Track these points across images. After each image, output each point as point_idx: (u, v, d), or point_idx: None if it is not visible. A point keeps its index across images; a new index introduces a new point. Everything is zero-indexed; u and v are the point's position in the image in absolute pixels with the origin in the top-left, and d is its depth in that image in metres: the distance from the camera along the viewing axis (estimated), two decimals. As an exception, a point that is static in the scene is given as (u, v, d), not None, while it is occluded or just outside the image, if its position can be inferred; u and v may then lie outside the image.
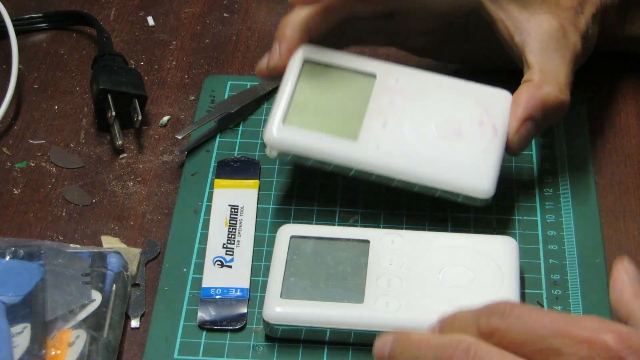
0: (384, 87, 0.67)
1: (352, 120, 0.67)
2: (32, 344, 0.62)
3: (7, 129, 0.80)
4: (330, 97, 0.68)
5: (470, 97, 0.67)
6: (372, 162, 0.66)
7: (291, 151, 0.66)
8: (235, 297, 0.67)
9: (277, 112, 0.67)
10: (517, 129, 0.66)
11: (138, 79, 0.80)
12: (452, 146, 0.66)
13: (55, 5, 0.90)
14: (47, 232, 0.72)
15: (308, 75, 0.68)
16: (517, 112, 0.66)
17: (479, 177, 0.65)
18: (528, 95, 0.66)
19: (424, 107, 0.67)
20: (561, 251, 0.69)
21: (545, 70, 0.66)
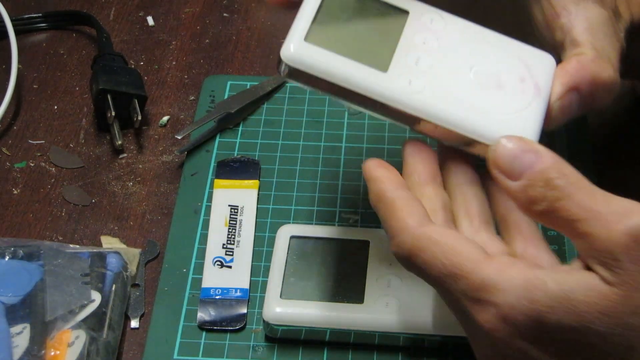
0: (417, 25, 0.60)
1: (382, 51, 0.59)
2: (31, 344, 0.62)
3: (6, 129, 0.80)
4: (358, 24, 0.60)
5: (510, 52, 0.61)
6: (401, 97, 0.57)
7: (310, 72, 0.58)
8: (235, 297, 0.67)
9: (297, 27, 0.58)
10: (560, 95, 0.58)
11: (138, 79, 0.80)
12: (491, 97, 0.58)
13: (55, 5, 0.90)
14: (46, 232, 0.72)
15: (332, 1, 0.60)
16: (563, 78, 0.58)
17: (519, 135, 0.56)
18: (579, 65, 0.59)
19: (459, 52, 0.60)
20: (561, 251, 0.69)
21: (597, 47, 0.60)
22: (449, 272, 0.51)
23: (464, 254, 0.51)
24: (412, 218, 0.53)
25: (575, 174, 0.51)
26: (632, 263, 0.48)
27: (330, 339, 0.64)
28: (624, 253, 0.48)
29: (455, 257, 0.51)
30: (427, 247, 0.51)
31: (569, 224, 0.50)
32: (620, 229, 0.48)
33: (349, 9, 0.60)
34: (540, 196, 0.50)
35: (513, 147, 0.52)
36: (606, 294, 0.48)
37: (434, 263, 0.51)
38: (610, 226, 0.48)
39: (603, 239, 0.48)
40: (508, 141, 0.53)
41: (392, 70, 0.58)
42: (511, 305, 0.49)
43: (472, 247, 0.51)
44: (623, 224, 0.48)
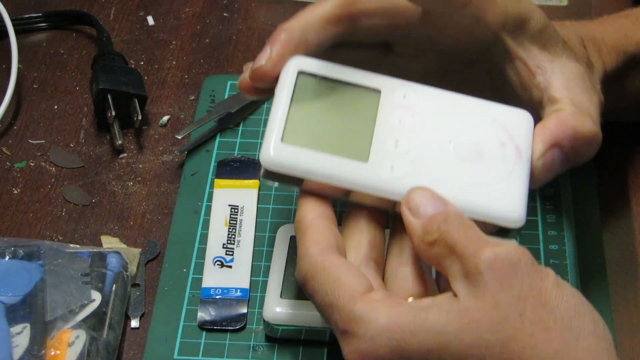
0: (391, 103, 0.59)
1: (360, 139, 0.58)
2: (31, 344, 0.62)
3: (6, 128, 0.80)
4: (331, 114, 0.59)
5: (487, 115, 0.60)
6: (385, 186, 0.57)
7: (292, 173, 0.57)
8: (235, 297, 0.67)
9: (273, 129, 0.57)
10: (542, 152, 0.58)
11: (138, 79, 0.80)
12: (474, 169, 0.58)
13: (55, 4, 0.90)
14: (46, 232, 0.72)
15: (304, 90, 0.59)
16: (544, 135, 0.59)
17: (507, 204, 0.57)
18: (558, 121, 0.59)
19: (437, 126, 0.59)
20: (561, 251, 0.69)
21: (575, 102, 0.60)
22: (329, 302, 0.53)
23: (345, 286, 0.53)
24: (316, 246, 0.55)
25: (471, 222, 0.54)
26: (493, 280, 0.50)
27: (330, 339, 0.64)
28: (487, 269, 0.51)
29: (337, 288, 0.53)
30: (318, 274, 0.54)
31: (449, 251, 0.52)
32: (489, 250, 0.51)
33: (320, 98, 0.59)
34: (434, 229, 0.53)
35: (426, 194, 0.55)
36: (464, 312, 0.50)
37: (319, 291, 0.53)
38: (481, 247, 0.52)
39: (472, 256, 0.51)
40: (422, 190, 0.55)
41: (372, 158, 0.58)
42: (372, 337, 0.51)
43: (357, 280, 0.53)
44: (492, 247, 0.52)
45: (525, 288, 0.51)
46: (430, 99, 0.60)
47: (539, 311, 0.50)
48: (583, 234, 0.70)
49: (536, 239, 0.70)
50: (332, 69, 0.60)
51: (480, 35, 0.61)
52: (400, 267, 0.55)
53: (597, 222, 0.71)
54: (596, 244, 0.70)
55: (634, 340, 0.65)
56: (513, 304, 0.50)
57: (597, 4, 0.90)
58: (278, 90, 0.59)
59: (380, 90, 0.60)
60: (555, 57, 0.61)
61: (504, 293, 0.50)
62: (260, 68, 0.59)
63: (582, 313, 0.51)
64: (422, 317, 0.51)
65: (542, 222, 0.71)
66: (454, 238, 0.52)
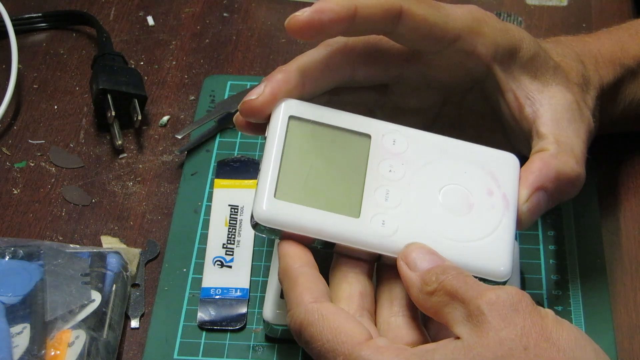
0: (381, 150, 0.60)
1: (350, 193, 0.59)
2: (31, 344, 0.62)
3: (6, 128, 0.80)
4: (323, 164, 0.60)
5: (475, 162, 0.61)
6: (376, 242, 0.58)
7: (285, 229, 0.58)
8: (235, 297, 0.67)
9: (266, 183, 0.58)
10: (527, 197, 0.60)
11: (138, 79, 0.80)
12: (462, 223, 0.59)
13: (55, 5, 0.90)
14: (46, 232, 0.72)
15: (295, 137, 0.60)
16: (528, 180, 0.60)
17: (494, 258, 0.58)
18: (542, 163, 0.60)
19: (426, 175, 0.60)
20: (561, 251, 0.69)
21: (560, 141, 0.61)
22: (330, 348, 0.53)
23: (347, 332, 0.53)
24: (310, 293, 0.55)
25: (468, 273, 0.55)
26: (495, 318, 0.52)
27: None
28: (490, 310, 0.52)
29: (339, 335, 0.53)
30: (316, 321, 0.54)
31: (449, 298, 0.53)
32: (491, 293, 0.53)
33: (310, 148, 0.60)
34: (433, 279, 0.54)
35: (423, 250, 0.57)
36: (468, 348, 0.51)
37: (319, 337, 0.54)
38: (483, 291, 0.53)
39: (474, 299, 0.53)
40: (418, 246, 0.57)
41: (364, 214, 0.59)
42: None
43: (357, 328, 0.54)
44: (494, 290, 0.53)
45: (527, 325, 0.52)
46: (420, 144, 0.61)
47: (542, 344, 0.51)
48: (583, 234, 0.70)
49: (536, 239, 0.70)
50: (322, 113, 0.61)
51: (472, 68, 0.62)
52: (392, 317, 0.56)
53: (597, 222, 0.71)
54: (596, 244, 0.70)
55: (634, 341, 0.65)
56: (517, 339, 0.51)
57: (597, 4, 0.90)
58: (269, 136, 0.60)
59: (371, 136, 0.60)
60: (545, 87, 0.62)
61: (507, 330, 0.51)
62: (251, 102, 0.60)
63: (583, 345, 0.52)
64: (428, 358, 0.52)
65: (542, 222, 0.71)
66: (454, 286, 0.54)
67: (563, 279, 0.68)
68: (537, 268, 0.68)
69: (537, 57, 0.63)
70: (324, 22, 0.58)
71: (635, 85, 0.71)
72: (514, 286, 0.54)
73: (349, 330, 0.54)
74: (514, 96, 0.63)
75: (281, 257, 0.58)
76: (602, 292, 0.67)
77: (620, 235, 0.71)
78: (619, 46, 0.71)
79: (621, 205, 0.73)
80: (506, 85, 0.63)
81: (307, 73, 0.61)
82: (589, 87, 0.66)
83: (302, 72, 0.60)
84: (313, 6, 0.59)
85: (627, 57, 0.70)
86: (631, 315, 0.66)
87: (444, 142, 0.61)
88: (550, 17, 0.90)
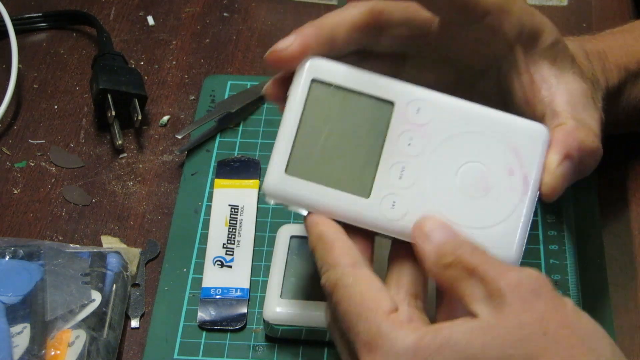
0: (403, 120, 0.58)
1: (364, 168, 0.58)
2: (31, 344, 0.62)
3: (7, 128, 0.80)
4: (341, 136, 0.58)
5: (500, 135, 0.58)
6: (386, 225, 0.57)
7: (293, 204, 0.58)
8: (235, 297, 0.67)
9: (279, 156, 0.58)
10: (559, 161, 0.58)
11: (138, 79, 0.80)
12: (478, 208, 0.57)
13: (55, 4, 0.90)
14: (46, 232, 0.72)
15: (315, 104, 0.58)
16: (557, 148, 0.59)
17: (505, 245, 0.57)
18: (564, 134, 0.60)
19: (446, 152, 0.58)
20: (561, 251, 0.69)
21: (577, 118, 0.61)
22: (356, 312, 0.54)
23: (375, 300, 0.54)
24: (348, 257, 0.56)
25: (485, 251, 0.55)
26: (516, 301, 0.52)
27: (330, 339, 0.64)
28: (511, 292, 0.52)
29: (367, 301, 0.54)
30: (349, 284, 0.55)
31: (467, 273, 0.53)
32: (512, 274, 0.53)
33: (329, 117, 0.58)
34: (449, 252, 0.54)
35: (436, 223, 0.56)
36: (487, 328, 0.52)
37: (348, 300, 0.54)
38: (504, 271, 0.53)
39: (495, 279, 0.53)
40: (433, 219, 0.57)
41: (374, 194, 0.57)
42: (396, 354, 0.52)
43: (385, 299, 0.54)
44: (515, 271, 0.53)
45: (548, 310, 0.52)
46: (445, 114, 0.59)
47: (562, 331, 0.51)
48: (583, 234, 0.70)
49: (536, 239, 0.70)
50: (347, 75, 0.59)
51: (494, 47, 0.62)
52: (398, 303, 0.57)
53: (597, 222, 0.71)
54: (596, 244, 0.70)
55: (634, 341, 0.65)
56: (537, 324, 0.51)
57: (597, 4, 0.90)
58: (290, 100, 0.59)
59: (394, 104, 0.59)
60: (563, 73, 0.62)
61: (527, 314, 0.52)
62: (279, 52, 0.59)
63: (601, 337, 0.53)
64: (446, 336, 0.52)
65: (542, 222, 0.71)
66: (473, 262, 0.54)
67: (563, 278, 0.68)
68: (537, 268, 0.68)
69: (557, 44, 0.63)
70: None
71: (638, 88, 0.71)
72: (535, 269, 0.53)
73: (377, 298, 0.54)
74: (531, 79, 0.63)
75: (313, 225, 0.58)
76: (602, 292, 0.67)
77: (620, 235, 0.71)
78: (623, 49, 0.71)
79: (622, 205, 0.73)
80: (524, 67, 0.63)
81: (337, 30, 0.60)
82: (597, 86, 0.66)
83: (332, 29, 0.60)
84: None
85: (632, 62, 0.71)
86: (631, 315, 0.66)
87: (471, 110, 0.59)
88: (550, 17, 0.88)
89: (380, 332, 0.53)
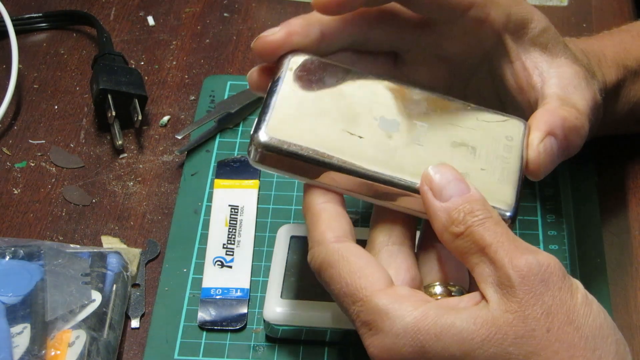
0: None
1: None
2: (32, 344, 0.62)
3: (7, 128, 0.80)
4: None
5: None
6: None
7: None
8: (235, 297, 0.67)
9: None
10: (541, 138, 0.59)
11: (138, 79, 0.80)
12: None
13: (55, 5, 0.90)
14: (47, 232, 0.72)
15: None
16: (538, 126, 0.59)
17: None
18: (547, 112, 0.60)
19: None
20: (561, 251, 0.69)
21: (563, 98, 0.61)
22: (349, 292, 0.53)
23: (367, 277, 0.53)
24: (332, 232, 0.54)
25: (497, 214, 0.54)
26: (525, 293, 0.51)
27: (330, 339, 0.64)
28: (520, 282, 0.51)
29: (359, 279, 0.53)
30: (336, 262, 0.53)
31: (477, 249, 0.52)
32: (522, 260, 0.51)
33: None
34: (460, 219, 0.53)
35: (448, 174, 0.54)
36: (492, 321, 0.51)
37: (338, 280, 0.53)
38: (515, 256, 0.52)
39: (505, 265, 0.51)
40: (445, 168, 0.55)
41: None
42: (396, 334, 0.51)
43: (378, 273, 0.53)
44: (526, 257, 0.51)
45: (556, 303, 0.51)
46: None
47: (565, 328, 0.51)
48: (583, 234, 0.70)
49: (536, 239, 0.70)
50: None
51: (483, 38, 0.62)
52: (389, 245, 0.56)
53: (597, 222, 0.71)
54: (596, 244, 0.70)
55: (634, 341, 0.65)
56: (542, 319, 0.51)
57: (597, 4, 0.90)
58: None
59: None
60: (554, 58, 0.63)
61: (534, 308, 0.51)
62: (265, 38, 0.59)
63: (606, 334, 0.52)
64: (448, 321, 0.51)
65: (542, 222, 0.71)
66: (484, 239, 0.52)
67: (563, 279, 0.68)
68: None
69: (547, 30, 0.63)
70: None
71: (637, 86, 0.71)
72: (548, 253, 0.52)
73: (369, 275, 0.53)
74: (523, 66, 0.63)
75: (305, 195, 0.57)
76: (602, 292, 0.67)
77: (620, 235, 0.71)
78: (621, 47, 0.71)
79: (621, 205, 0.73)
80: (515, 55, 0.63)
81: (325, 25, 0.60)
82: (595, 78, 0.66)
83: (319, 22, 0.60)
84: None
85: (630, 59, 0.71)
86: (631, 315, 0.66)
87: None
88: (550, 17, 0.88)
89: (379, 310, 0.52)
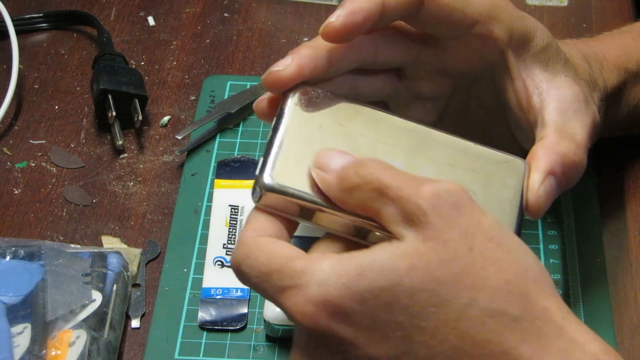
0: None
1: None
2: (32, 344, 0.62)
3: (7, 129, 0.80)
4: None
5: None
6: None
7: None
8: (235, 297, 0.67)
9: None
10: (541, 180, 0.58)
11: (138, 79, 0.80)
12: None
13: (55, 5, 0.90)
14: (47, 232, 0.72)
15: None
16: (538, 167, 0.59)
17: None
18: (546, 150, 0.60)
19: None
20: (561, 251, 0.69)
21: (562, 129, 0.61)
22: (265, 270, 0.52)
23: (282, 254, 0.52)
24: (252, 232, 0.54)
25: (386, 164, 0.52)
26: (438, 219, 0.50)
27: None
28: (431, 209, 0.50)
29: (274, 257, 0.52)
30: (251, 251, 0.53)
31: (378, 194, 0.51)
32: (428, 189, 0.51)
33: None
34: (352, 174, 0.52)
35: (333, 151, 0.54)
36: (412, 251, 0.50)
37: (254, 265, 0.52)
38: (418, 187, 0.51)
39: (412, 198, 0.50)
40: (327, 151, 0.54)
41: None
42: (318, 283, 0.50)
43: (293, 249, 0.52)
44: (430, 185, 0.51)
45: (471, 224, 0.51)
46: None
47: (488, 245, 0.50)
48: (583, 234, 0.70)
49: (536, 239, 0.70)
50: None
51: (486, 54, 0.62)
52: None
53: (597, 222, 0.71)
54: (596, 244, 0.70)
55: (634, 341, 0.65)
56: (462, 240, 0.50)
57: (597, 4, 0.90)
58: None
59: None
60: (554, 78, 0.62)
61: (452, 231, 0.50)
62: (277, 73, 0.58)
63: (525, 250, 0.52)
64: (368, 259, 0.50)
65: (542, 222, 0.71)
66: (382, 181, 0.51)
67: (563, 278, 0.68)
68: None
69: (549, 47, 0.63)
70: (358, 23, 0.58)
71: (638, 89, 0.71)
72: (449, 180, 0.52)
73: (284, 252, 0.52)
74: (524, 85, 0.63)
75: None
76: (602, 292, 0.67)
77: (620, 235, 0.71)
78: (622, 50, 0.71)
79: (621, 205, 0.73)
80: (517, 73, 0.63)
81: (333, 50, 0.59)
82: (595, 87, 0.66)
83: (328, 49, 0.59)
84: (343, 9, 0.58)
85: (631, 62, 0.71)
86: (631, 315, 0.66)
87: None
88: (551, 17, 0.90)
89: (295, 271, 0.51)
